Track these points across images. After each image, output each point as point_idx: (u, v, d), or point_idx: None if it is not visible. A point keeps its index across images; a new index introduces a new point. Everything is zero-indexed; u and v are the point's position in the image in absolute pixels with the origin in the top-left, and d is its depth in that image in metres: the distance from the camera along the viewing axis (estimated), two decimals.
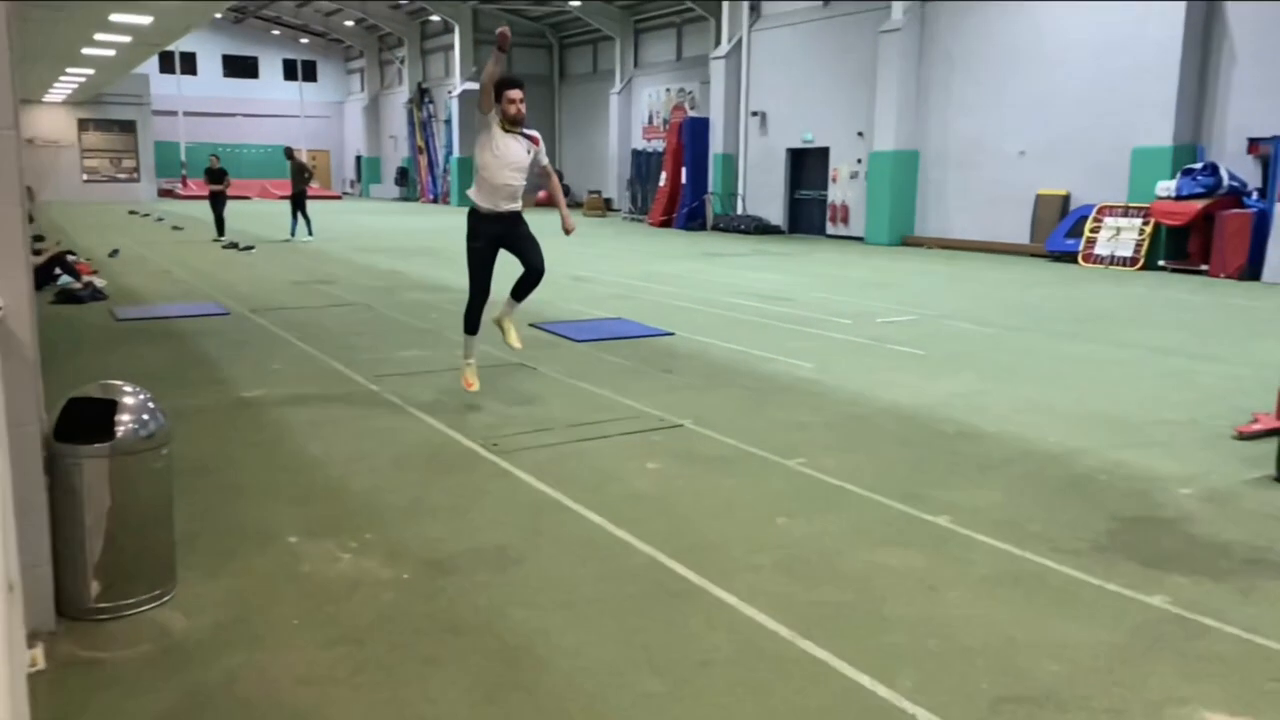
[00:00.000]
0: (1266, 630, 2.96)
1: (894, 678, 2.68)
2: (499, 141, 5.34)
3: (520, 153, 5.40)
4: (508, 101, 5.37)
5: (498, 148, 5.34)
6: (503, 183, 5.39)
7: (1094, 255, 14.77)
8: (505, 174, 5.38)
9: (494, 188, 5.41)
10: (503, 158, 5.35)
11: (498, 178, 5.37)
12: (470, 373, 5.80)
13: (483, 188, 5.43)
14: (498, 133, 5.34)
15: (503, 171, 5.36)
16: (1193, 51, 14.19)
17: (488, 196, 5.42)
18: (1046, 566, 3.49)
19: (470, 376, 5.80)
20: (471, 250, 5.57)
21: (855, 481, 4.39)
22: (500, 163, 5.34)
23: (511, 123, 5.36)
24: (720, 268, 14.32)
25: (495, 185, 5.40)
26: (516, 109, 5.35)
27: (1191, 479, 4.50)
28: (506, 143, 5.37)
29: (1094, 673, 2.74)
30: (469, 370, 5.82)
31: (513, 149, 5.38)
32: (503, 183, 5.39)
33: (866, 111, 19.30)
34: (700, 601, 3.16)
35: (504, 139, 5.35)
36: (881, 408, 5.82)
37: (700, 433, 5.16)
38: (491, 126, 5.32)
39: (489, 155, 5.35)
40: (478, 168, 5.40)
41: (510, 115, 5.34)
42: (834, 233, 20.63)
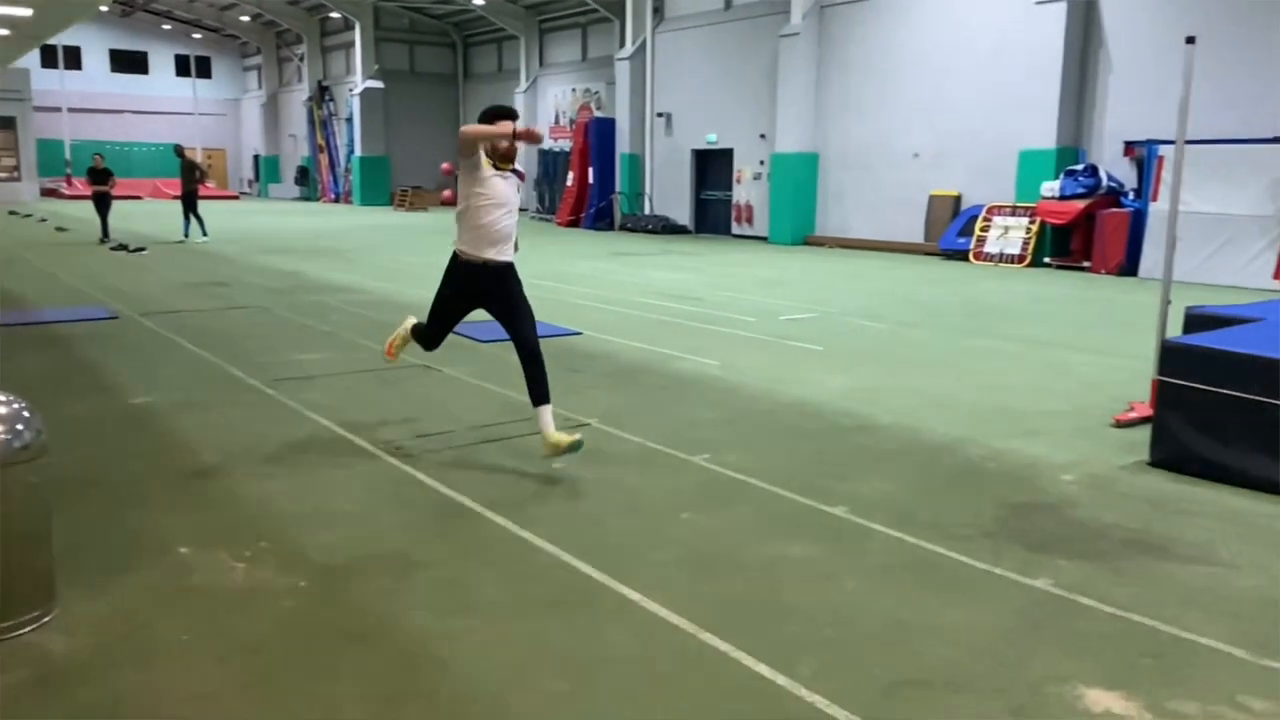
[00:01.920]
0: (1140, 608, 3.13)
1: (793, 666, 2.74)
2: (487, 181, 4.64)
3: (510, 192, 4.74)
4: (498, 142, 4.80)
5: (485, 186, 4.64)
6: (488, 221, 4.62)
7: (984, 253, 15.34)
8: (493, 213, 4.64)
9: (478, 230, 4.62)
10: (492, 196, 4.64)
11: (483, 216, 4.62)
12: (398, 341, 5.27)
13: (466, 231, 4.65)
14: (486, 171, 4.62)
15: (490, 211, 4.63)
16: (1073, 59, 14.87)
17: (472, 242, 4.65)
18: (938, 553, 3.61)
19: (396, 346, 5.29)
20: (439, 296, 4.91)
21: (758, 476, 4.47)
22: (489, 201, 4.63)
23: (503, 159, 4.68)
24: (628, 267, 14.38)
25: (480, 225, 4.61)
26: (510, 145, 4.68)
27: (1073, 465, 4.72)
28: (495, 183, 4.66)
29: (982, 654, 2.85)
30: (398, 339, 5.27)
31: (501, 188, 4.68)
32: (488, 221, 4.62)
33: (768, 114, 19.63)
34: (604, 599, 3.18)
35: (493, 178, 4.65)
36: (784, 403, 5.94)
37: (607, 431, 5.18)
38: (480, 165, 4.63)
39: (474, 193, 4.63)
40: (460, 210, 4.68)
41: (502, 152, 4.66)
42: (739, 232, 20.93)
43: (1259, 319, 5.38)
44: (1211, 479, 4.42)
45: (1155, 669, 2.74)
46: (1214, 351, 4.56)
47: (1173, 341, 4.82)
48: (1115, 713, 2.51)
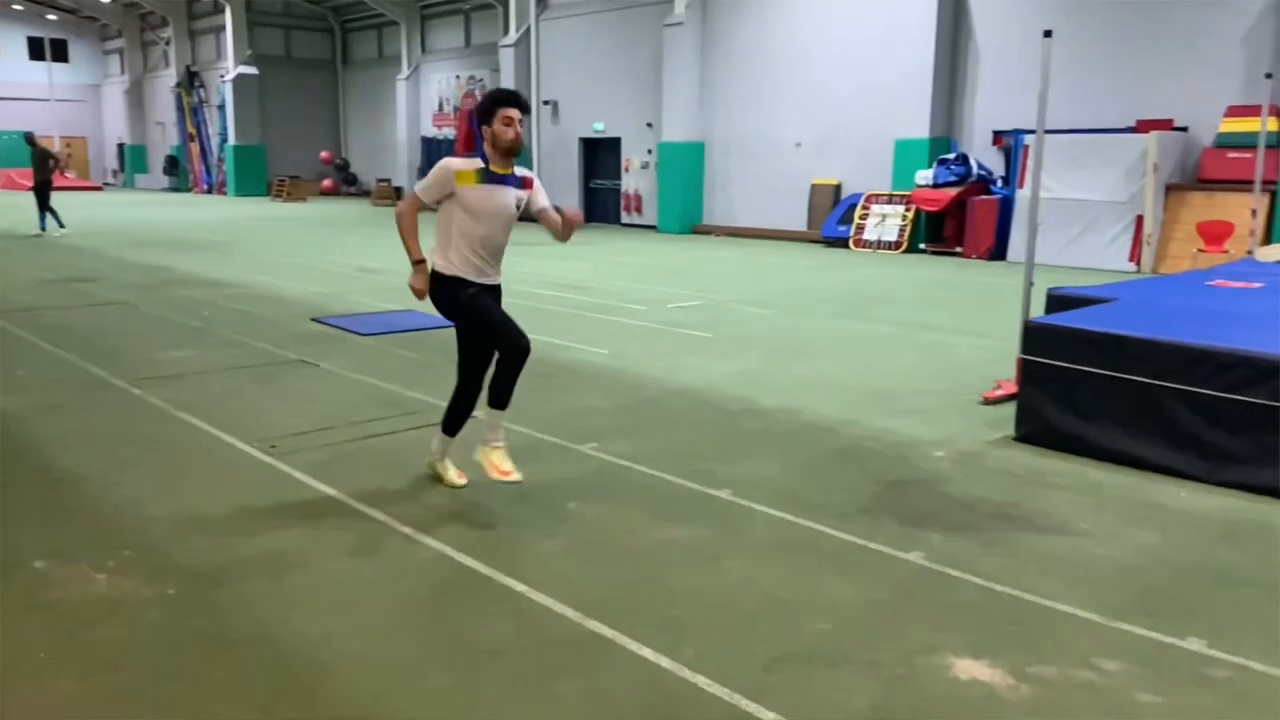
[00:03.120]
0: (1006, 579, 3.28)
1: (677, 648, 2.77)
2: (485, 191, 3.81)
3: (507, 202, 3.89)
4: (502, 121, 3.82)
5: (474, 193, 3.80)
6: (482, 235, 3.84)
7: (863, 240, 15.80)
8: (485, 226, 3.84)
9: (469, 248, 3.84)
10: (483, 204, 3.82)
11: (474, 232, 3.82)
12: (449, 470, 4.19)
13: (454, 249, 3.86)
14: (468, 189, 3.82)
15: (481, 224, 3.83)
16: (944, 51, 15.42)
17: (463, 262, 3.86)
18: (818, 531, 3.71)
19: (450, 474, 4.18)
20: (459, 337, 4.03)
21: (645, 462, 4.50)
22: (481, 213, 3.82)
23: (505, 154, 3.86)
24: (517, 256, 14.11)
25: (472, 241, 3.84)
26: (515, 133, 3.84)
27: (944, 442, 4.92)
28: (492, 192, 3.83)
29: (858, 627, 2.94)
30: (445, 468, 4.20)
31: (496, 197, 3.85)
32: (482, 235, 3.84)
33: (655, 103, 19.72)
34: (489, 592, 3.15)
35: (489, 189, 3.82)
36: (671, 390, 5.99)
37: None
38: (456, 190, 3.83)
39: (463, 202, 3.82)
40: (444, 224, 3.88)
41: (505, 143, 3.84)
42: (629, 221, 20.99)
43: (1113, 299, 5.70)
44: (1071, 452, 4.67)
45: (1018, 636, 2.88)
46: (1072, 330, 4.81)
47: (1034, 322, 5.06)
48: (981, 680, 2.63)
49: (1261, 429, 4.12)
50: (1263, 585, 3.26)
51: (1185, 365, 4.34)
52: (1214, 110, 12.64)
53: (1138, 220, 12.79)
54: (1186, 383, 4.32)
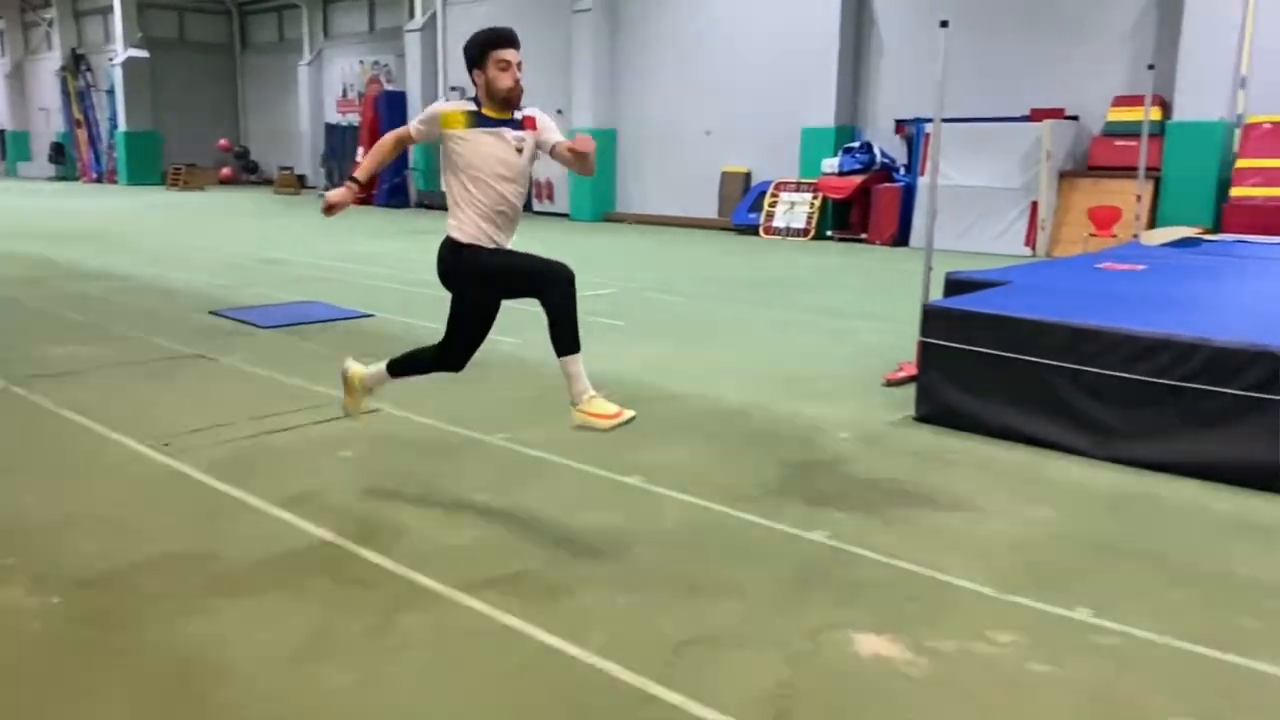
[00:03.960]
0: (905, 555, 3.37)
1: (585, 636, 2.77)
2: (474, 137, 3.46)
3: (505, 151, 3.50)
4: (497, 66, 3.45)
5: (464, 142, 3.47)
6: (488, 194, 3.49)
7: (773, 228, 16.03)
8: (487, 185, 3.48)
9: (477, 211, 3.50)
10: (478, 155, 3.47)
11: (476, 191, 3.48)
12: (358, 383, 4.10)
13: (464, 210, 3.52)
14: (464, 134, 3.47)
15: (482, 181, 3.48)
16: (848, 40, 15.71)
17: (476, 228, 3.52)
18: (726, 514, 3.75)
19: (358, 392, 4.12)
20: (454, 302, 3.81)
21: (556, 451, 4.48)
22: (479, 166, 3.47)
23: (502, 104, 3.49)
24: (425, 245, 13.95)
25: (476, 203, 3.49)
26: (514, 79, 3.47)
27: (849, 424, 5.02)
28: (482, 138, 3.46)
29: (764, 608, 2.99)
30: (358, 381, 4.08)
31: (491, 146, 3.48)
32: (488, 194, 3.49)
33: (565, 89, 19.60)
34: (393, 586, 3.09)
35: (479, 134, 3.47)
36: None
37: (400, 416, 5.03)
38: (447, 134, 3.50)
39: (454, 153, 3.49)
40: (448, 180, 3.58)
41: (502, 91, 3.46)
42: (540, 209, 20.83)
43: (1007, 282, 5.90)
44: (969, 430, 4.82)
45: (918, 611, 2.96)
46: (967, 313, 4.96)
47: (932, 305, 5.21)
48: (882, 655, 2.70)
49: (1144, 405, 4.32)
50: (1146, 556, 3.42)
51: (1073, 344, 4.51)
52: (1103, 100, 13.18)
53: (1032, 206, 13.27)
54: (1075, 361, 4.50)
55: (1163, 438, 4.28)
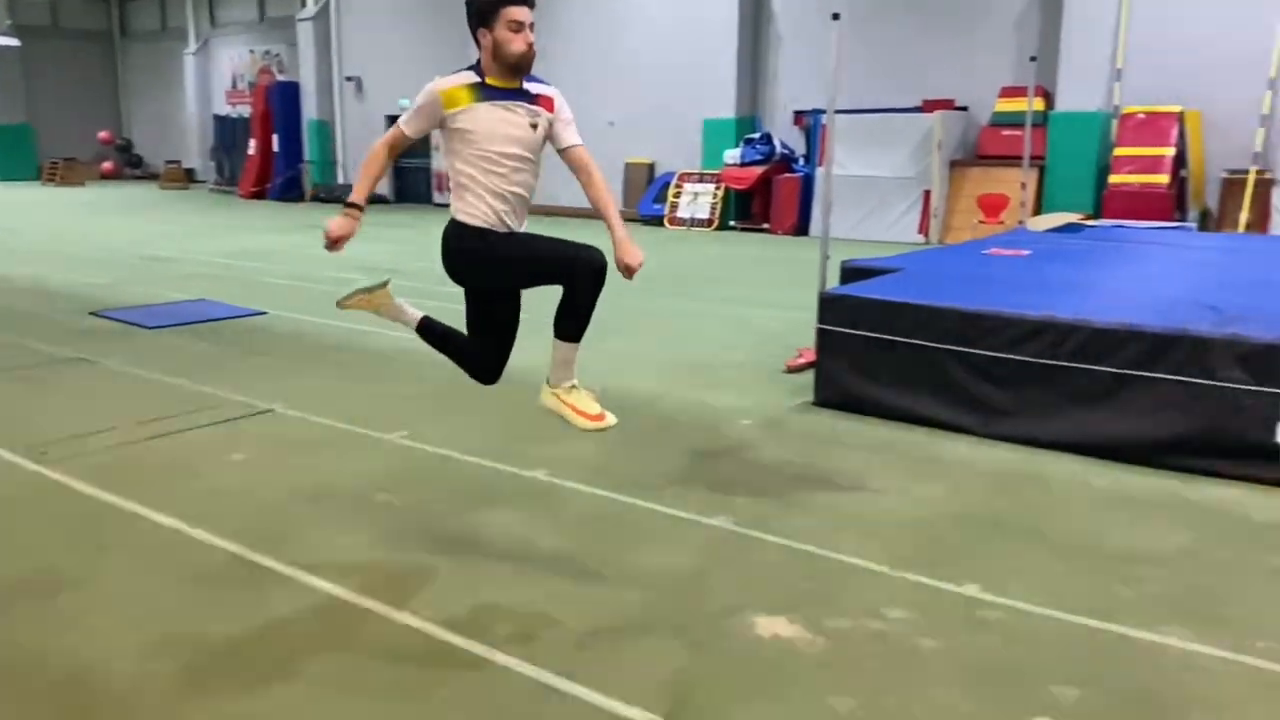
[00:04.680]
0: (805, 537, 3.44)
1: (489, 633, 2.75)
2: (480, 111, 3.11)
3: (518, 126, 3.17)
4: (509, 26, 3.07)
5: (471, 117, 3.11)
6: (497, 176, 3.16)
7: (677, 218, 16.13)
8: (495, 163, 3.15)
9: (487, 192, 3.17)
10: (488, 131, 3.12)
11: (485, 171, 3.14)
12: (572, 396, 3.45)
13: (471, 192, 3.18)
14: (470, 111, 3.12)
15: (491, 161, 3.14)
16: (747, 32, 15.90)
17: (488, 210, 3.19)
18: (630, 504, 3.77)
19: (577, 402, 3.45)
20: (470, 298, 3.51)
21: (458, 447, 4.42)
22: (487, 143, 3.13)
23: (511, 72, 3.14)
24: (320, 240, 13.64)
25: (486, 185, 3.16)
26: (527, 43, 3.11)
27: (751, 411, 5.09)
28: (490, 112, 3.12)
29: (666, 595, 3.01)
30: (565, 396, 3.44)
31: (503, 120, 3.14)
32: (497, 176, 3.16)
33: None
34: (288, 591, 3.01)
35: (485, 108, 3.11)
36: None
37: (293, 416, 4.90)
38: (453, 113, 3.13)
39: (469, 136, 3.13)
40: (450, 164, 3.23)
41: (513, 56, 3.10)
42: (441, 201, 20.49)
43: (900, 269, 6.07)
44: (865, 414, 4.94)
45: (815, 591, 3.03)
46: (861, 299, 5.08)
47: (829, 293, 5.31)
48: (782, 636, 2.75)
49: (1029, 385, 4.50)
50: (1031, 531, 3.56)
51: (961, 328, 4.67)
52: (990, 91, 13.65)
53: (925, 195, 13.67)
54: (963, 344, 4.65)
55: (1046, 416, 4.46)
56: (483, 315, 3.49)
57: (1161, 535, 3.48)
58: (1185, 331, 4.15)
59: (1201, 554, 3.32)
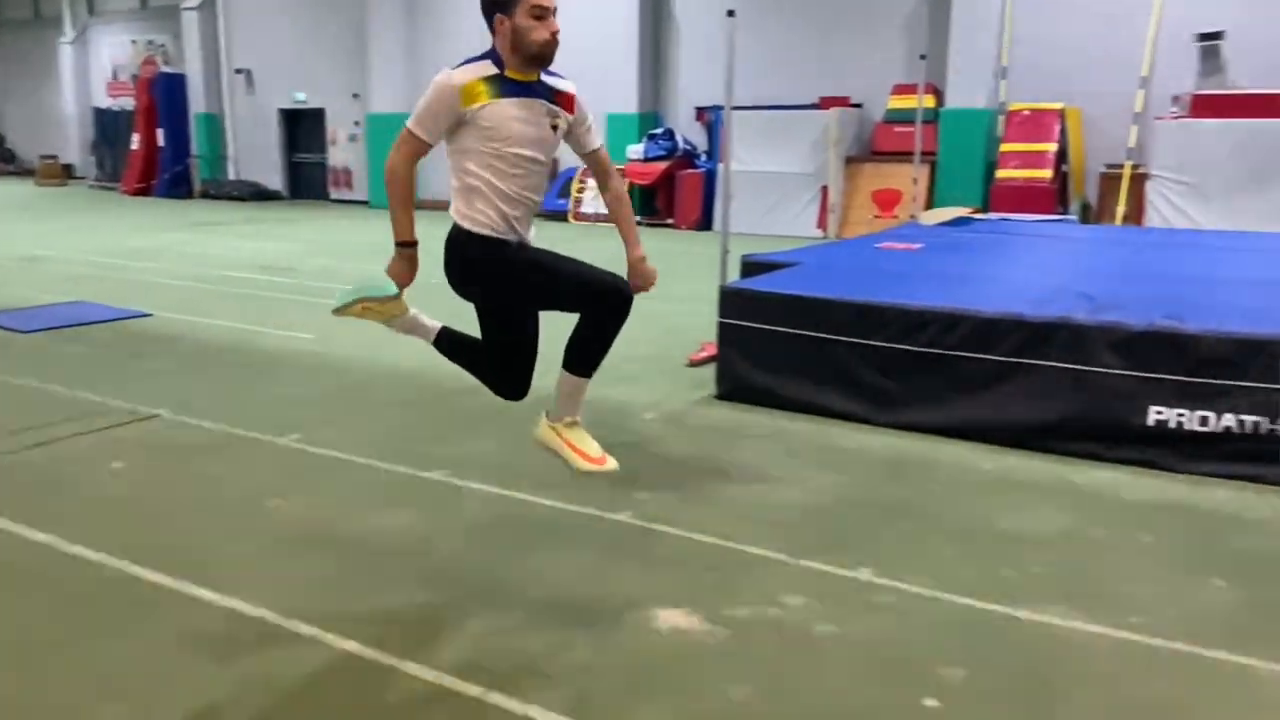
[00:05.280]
0: (705, 528, 3.46)
1: (384, 639, 2.68)
2: (498, 107, 2.82)
3: (539, 124, 2.89)
4: (531, 13, 2.81)
5: (491, 114, 2.81)
6: (514, 176, 2.89)
7: (582, 213, 16.09)
8: (515, 162, 2.87)
9: (498, 196, 2.90)
10: (509, 129, 2.83)
11: (500, 172, 2.86)
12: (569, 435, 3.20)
13: (479, 195, 2.91)
14: (488, 108, 2.82)
15: (510, 160, 2.86)
16: (648, 28, 15.95)
17: (497, 215, 2.93)
18: (533, 502, 3.74)
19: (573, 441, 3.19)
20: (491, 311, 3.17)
21: (354, 450, 4.32)
22: (507, 141, 2.84)
23: (531, 63, 2.86)
24: (211, 238, 13.17)
25: (499, 187, 2.90)
26: (551, 31, 2.84)
27: (654, 405, 5.11)
28: (508, 108, 2.83)
29: (568, 591, 3.00)
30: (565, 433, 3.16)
31: (524, 117, 2.86)
32: (514, 176, 2.89)
33: (361, 73, 18.87)
34: (174, 606, 2.88)
35: (504, 104, 2.82)
36: (383, 372, 5.79)
37: (180, 421, 4.70)
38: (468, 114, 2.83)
39: (484, 133, 2.84)
40: (457, 162, 2.93)
41: (535, 45, 2.82)
42: (339, 197, 20.02)
43: (797, 263, 6.18)
44: (765, 405, 5.01)
45: (715, 582, 3.05)
46: (759, 293, 5.16)
47: (728, 286, 5.38)
48: (681, 627, 2.76)
49: (919, 374, 4.63)
50: (923, 515, 3.67)
51: (855, 320, 4.77)
52: (883, 88, 14.01)
53: (823, 190, 13.94)
54: (857, 335, 4.76)
55: (937, 404, 4.60)
56: (499, 329, 3.16)
57: (1044, 517, 3.63)
58: (1064, 320, 4.33)
59: (1081, 534, 3.48)
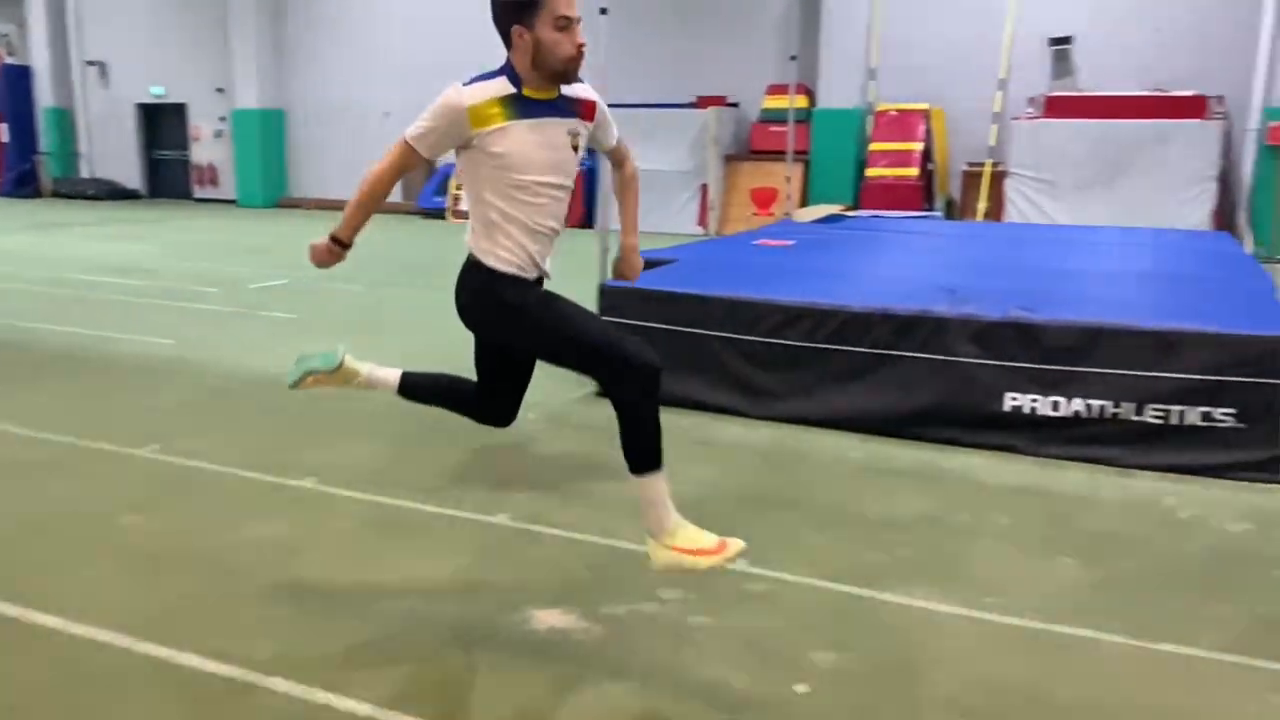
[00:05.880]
0: (582, 527, 3.45)
1: (250, 655, 2.57)
2: (516, 131, 2.54)
3: (560, 146, 2.61)
4: (555, 24, 2.51)
5: (507, 138, 2.54)
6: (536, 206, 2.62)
7: (460, 211, 15.85)
8: (536, 192, 2.60)
9: (520, 228, 2.63)
10: (528, 155, 2.56)
11: (521, 201, 2.59)
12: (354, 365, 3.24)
13: (501, 230, 2.64)
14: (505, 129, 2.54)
15: (530, 189, 2.59)
16: None
17: (519, 250, 2.66)
18: (407, 507, 3.65)
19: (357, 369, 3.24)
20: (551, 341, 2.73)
21: (218, 460, 4.13)
22: (527, 168, 2.57)
23: (553, 79, 2.58)
24: (62, 239, 12.42)
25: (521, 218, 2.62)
26: (576, 45, 2.54)
27: (534, 404, 5.00)
28: (528, 134, 2.56)
29: (442, 598, 2.94)
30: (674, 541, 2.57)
31: (544, 143, 2.58)
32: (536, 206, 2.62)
33: (225, 66, 18.10)
34: (14, 636, 2.69)
35: (523, 127, 2.55)
36: (250, 378, 5.56)
37: (22, 435, 4.40)
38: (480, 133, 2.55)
39: (502, 161, 2.56)
40: (473, 191, 2.65)
41: (561, 61, 2.53)
42: (203, 196, 19.15)
43: (675, 260, 6.23)
44: None
45: (592, 580, 3.05)
46: (637, 290, 5.17)
47: (608, 284, 5.38)
48: (557, 627, 2.75)
49: (793, 368, 4.73)
50: (796, 505, 3.75)
51: (731, 315, 4.85)
52: (758, 88, 14.28)
53: (703, 188, 14.13)
54: (733, 331, 4.84)
55: (810, 396, 4.71)
56: (496, 361, 2.96)
57: (909, 502, 3.76)
58: (927, 312, 4.50)
59: (943, 518, 3.62)
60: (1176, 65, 11.81)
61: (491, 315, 2.73)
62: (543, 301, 2.67)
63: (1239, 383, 4.00)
